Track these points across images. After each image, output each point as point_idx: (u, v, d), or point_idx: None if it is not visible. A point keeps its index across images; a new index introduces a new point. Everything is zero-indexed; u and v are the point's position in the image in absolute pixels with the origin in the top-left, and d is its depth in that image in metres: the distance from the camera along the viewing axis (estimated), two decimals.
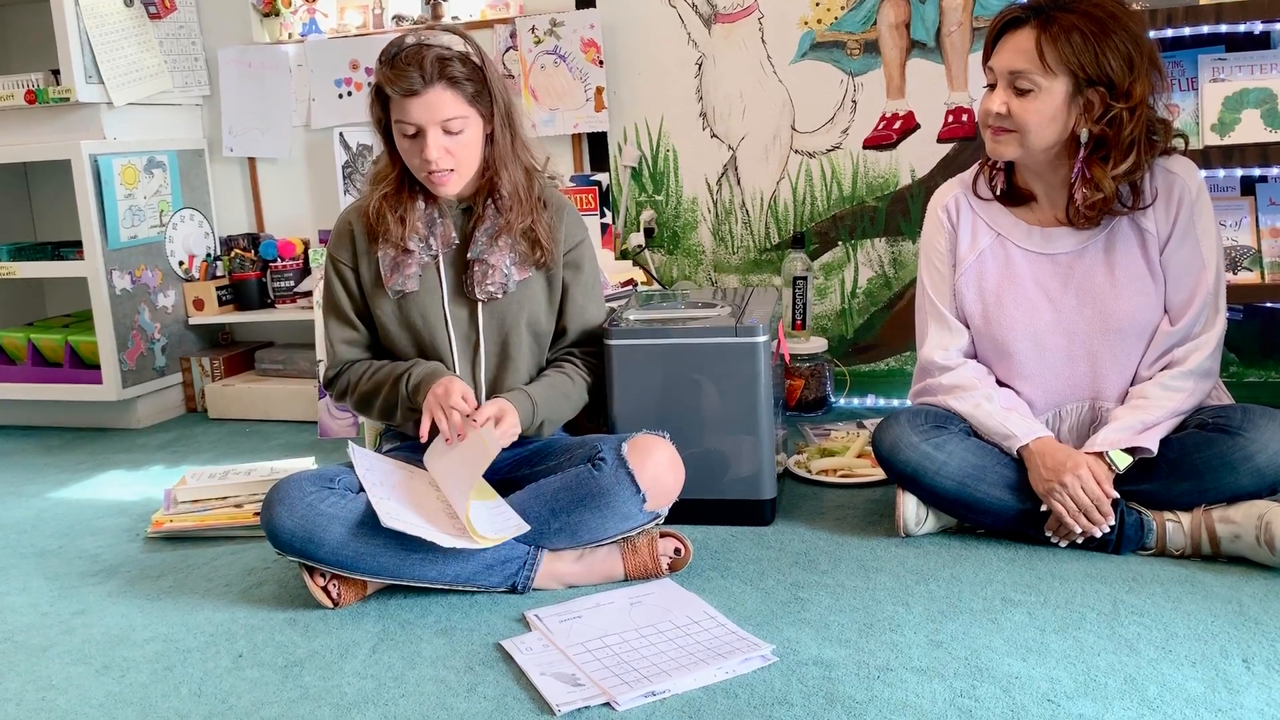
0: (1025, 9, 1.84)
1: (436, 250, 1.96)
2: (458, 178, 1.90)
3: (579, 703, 1.46)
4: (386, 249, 1.95)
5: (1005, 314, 1.95)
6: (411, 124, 1.84)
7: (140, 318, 3.22)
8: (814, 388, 2.86)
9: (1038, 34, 1.80)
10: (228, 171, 3.54)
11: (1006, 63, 1.84)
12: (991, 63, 1.88)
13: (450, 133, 1.85)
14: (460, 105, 1.85)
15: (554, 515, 1.83)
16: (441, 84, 1.83)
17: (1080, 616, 1.64)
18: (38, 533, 2.36)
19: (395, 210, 1.93)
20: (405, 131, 1.86)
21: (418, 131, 1.85)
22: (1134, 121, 1.81)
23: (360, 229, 1.98)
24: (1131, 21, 1.81)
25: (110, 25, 3.12)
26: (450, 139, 1.86)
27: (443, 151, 1.85)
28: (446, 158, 1.86)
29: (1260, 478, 1.78)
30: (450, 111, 1.84)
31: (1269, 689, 1.41)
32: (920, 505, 1.96)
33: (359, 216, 1.99)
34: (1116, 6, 1.81)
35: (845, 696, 1.45)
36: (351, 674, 1.60)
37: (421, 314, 1.96)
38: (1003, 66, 1.85)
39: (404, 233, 1.93)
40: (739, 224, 3.09)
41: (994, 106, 1.86)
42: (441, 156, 1.85)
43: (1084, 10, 1.80)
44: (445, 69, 1.83)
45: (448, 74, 1.83)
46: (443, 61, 1.83)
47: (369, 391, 1.97)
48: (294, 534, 1.76)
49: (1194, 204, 1.87)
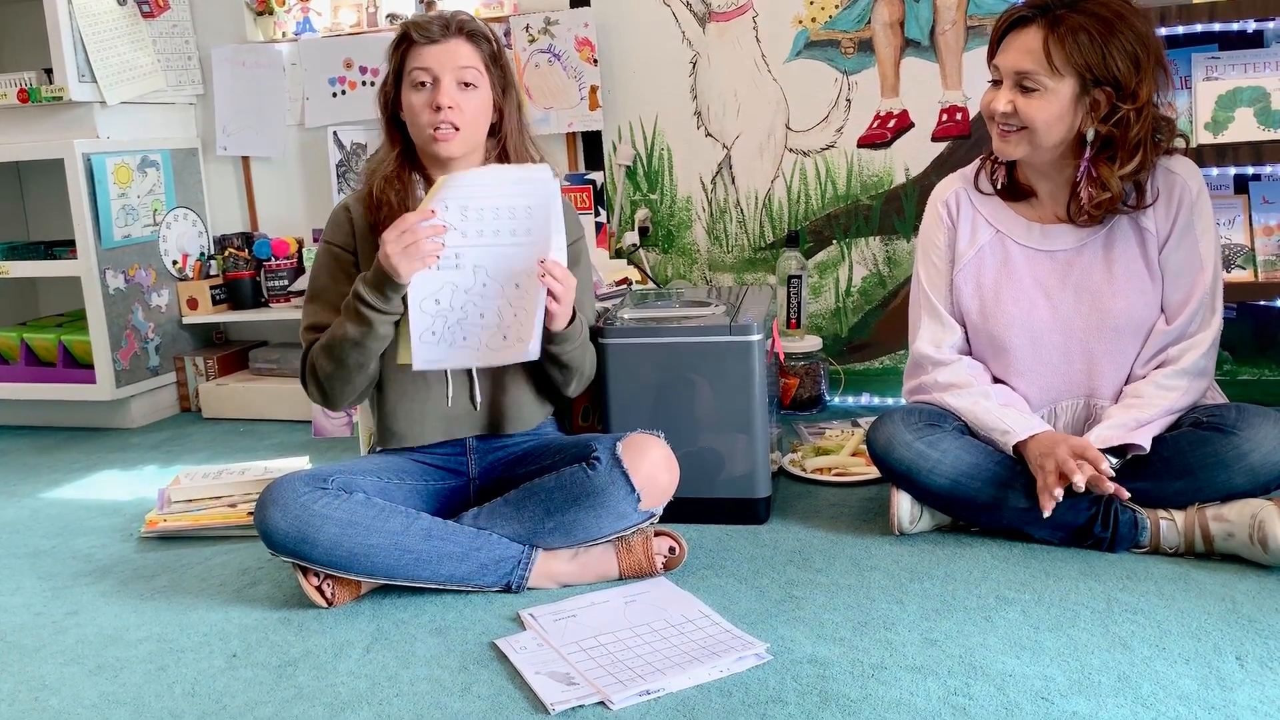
0: (1031, 7, 1.83)
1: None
2: (461, 139, 1.89)
3: (573, 702, 1.45)
4: None
5: (1003, 310, 1.96)
6: (427, 70, 1.86)
7: (134, 317, 3.21)
8: (809, 386, 2.86)
9: (1045, 34, 1.79)
10: (221, 170, 3.53)
11: (1013, 62, 1.83)
12: (997, 61, 1.87)
13: (464, 85, 1.87)
14: (476, 59, 1.89)
15: (548, 514, 1.83)
16: (462, 37, 1.89)
17: (1074, 614, 1.64)
18: (31, 532, 2.36)
19: (396, 194, 1.92)
20: (418, 79, 1.87)
21: (432, 81, 1.86)
22: (1140, 122, 1.81)
23: (359, 215, 1.96)
24: (1138, 21, 1.80)
25: (103, 24, 3.11)
26: (462, 94, 1.87)
27: (453, 103, 1.86)
28: (456, 113, 1.86)
29: (1254, 476, 1.78)
30: (466, 61, 1.88)
31: (1262, 686, 1.41)
32: (914, 503, 1.96)
33: (357, 203, 1.97)
34: (1123, 6, 1.80)
35: (839, 695, 1.45)
36: (346, 673, 1.60)
37: None
38: (1009, 66, 1.84)
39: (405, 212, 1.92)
40: (734, 223, 3.09)
41: (1000, 106, 1.85)
42: (452, 109, 1.86)
43: (1091, 10, 1.79)
44: (466, 25, 1.90)
45: (468, 30, 1.90)
46: (466, 20, 1.91)
47: (329, 346, 1.86)
48: (288, 535, 1.76)
49: (1194, 204, 1.87)
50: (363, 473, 1.89)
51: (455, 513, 1.90)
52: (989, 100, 1.89)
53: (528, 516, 1.83)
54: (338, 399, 1.93)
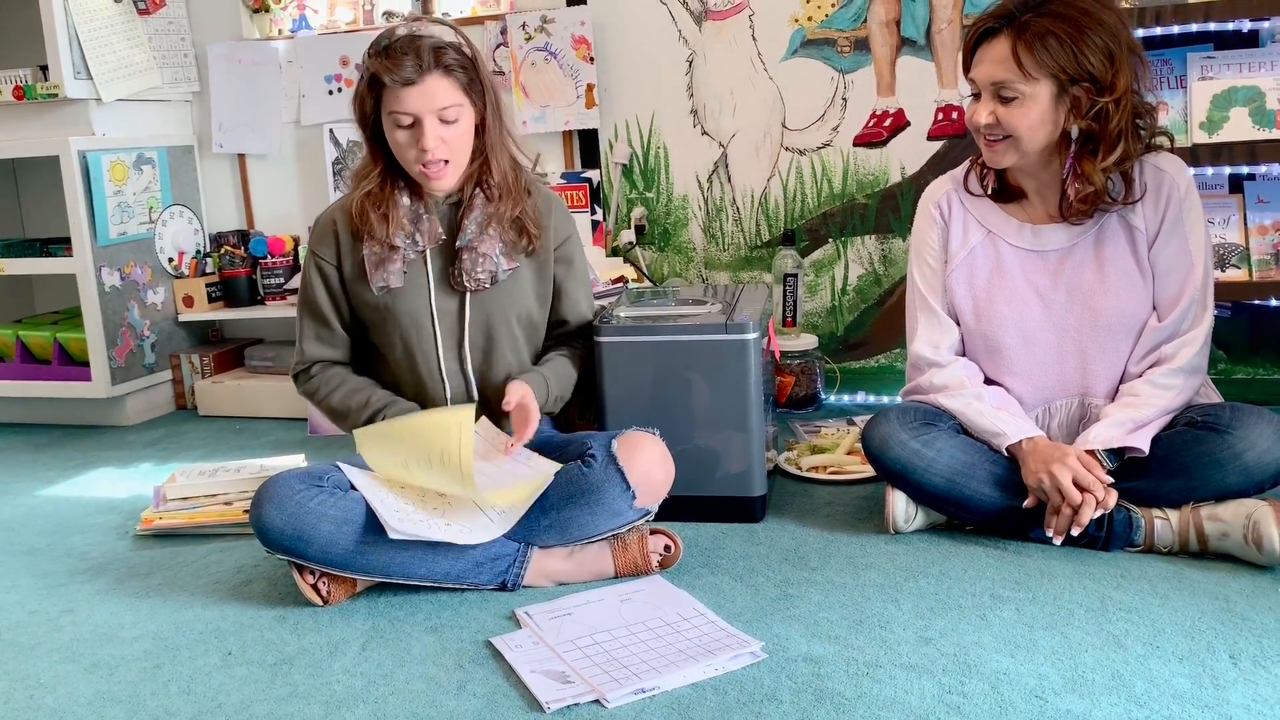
0: (996, 18, 1.83)
1: (423, 246, 1.96)
2: (453, 170, 1.90)
3: (569, 700, 1.46)
4: (371, 246, 1.95)
5: (995, 310, 1.96)
6: (408, 113, 1.84)
7: (129, 314, 3.21)
8: (804, 385, 2.87)
9: (1013, 42, 1.80)
10: (217, 168, 3.53)
11: (987, 74, 1.84)
12: (972, 74, 1.89)
13: (446, 122, 1.86)
14: (456, 94, 1.87)
15: (544, 512, 1.83)
16: (438, 72, 1.85)
17: (1068, 613, 1.64)
18: (26, 530, 2.35)
19: (378, 208, 1.93)
20: (400, 122, 1.86)
21: (414, 122, 1.85)
22: (1120, 113, 1.81)
23: (344, 226, 1.98)
24: (1104, 13, 1.80)
25: (99, 21, 3.10)
26: (446, 129, 1.86)
27: (439, 141, 1.85)
28: (442, 148, 1.87)
29: (1248, 476, 1.78)
30: (447, 99, 1.85)
31: (1255, 684, 1.41)
32: (909, 502, 1.96)
33: (343, 214, 1.99)
34: (1088, 1, 1.80)
35: (834, 693, 1.45)
36: (341, 671, 1.60)
37: (407, 309, 1.96)
38: (984, 78, 1.85)
39: (389, 230, 1.93)
40: (730, 221, 3.09)
41: (981, 118, 1.86)
42: (438, 146, 1.85)
43: (1056, 11, 1.79)
44: (441, 58, 1.85)
45: (443, 63, 1.85)
46: (438, 51, 1.85)
47: (338, 411, 1.99)
48: (283, 533, 1.76)
49: (1182, 201, 1.88)
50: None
51: None
52: (971, 113, 1.90)
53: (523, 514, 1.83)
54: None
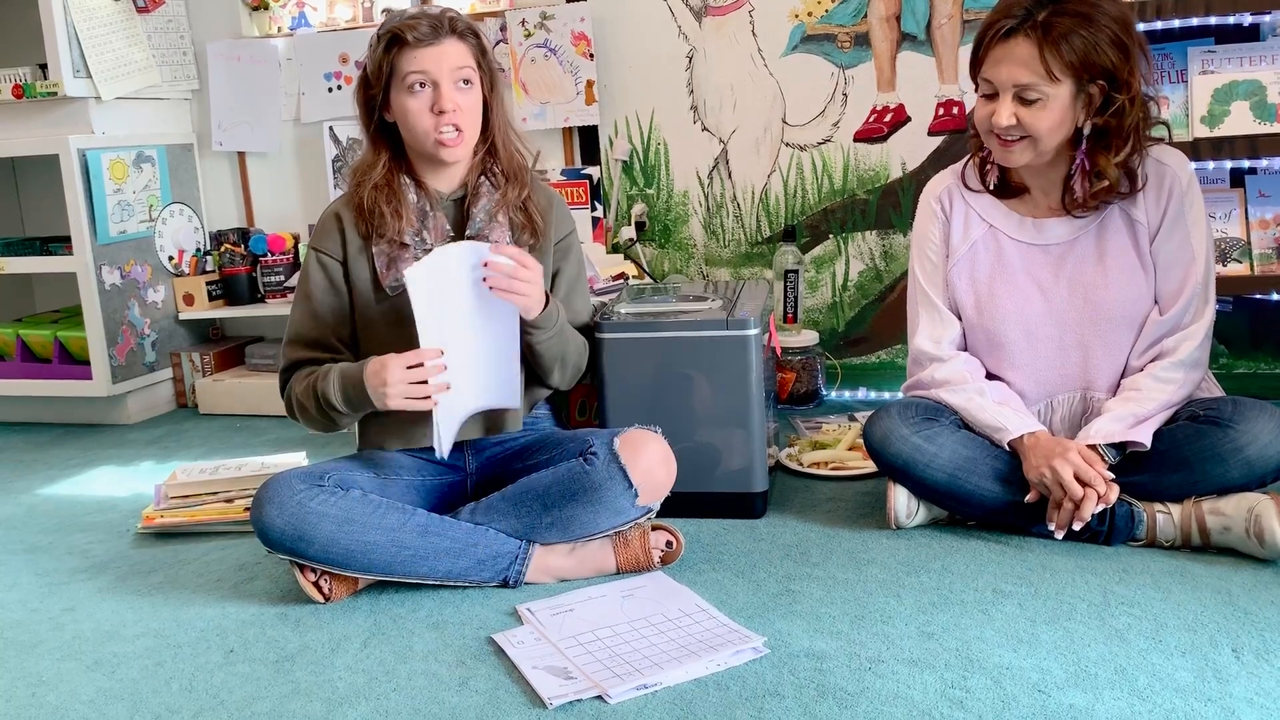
0: (1012, 16, 1.79)
1: (431, 243, 1.94)
2: (465, 140, 1.89)
3: (571, 696, 1.45)
4: (381, 245, 1.92)
5: (997, 304, 1.96)
6: (424, 73, 1.84)
7: (130, 313, 3.20)
8: (805, 381, 2.87)
9: (1038, 43, 1.76)
10: (217, 166, 3.52)
11: (1009, 76, 1.79)
12: (988, 75, 1.83)
13: (460, 87, 1.86)
14: (470, 57, 1.88)
15: (546, 510, 1.83)
16: (454, 36, 1.87)
17: (1071, 607, 1.64)
18: (27, 529, 2.35)
19: (389, 203, 1.90)
20: (417, 82, 1.85)
21: (429, 87, 1.85)
22: (1134, 108, 1.81)
23: (351, 223, 1.95)
24: (1113, 6, 1.79)
25: (98, 19, 3.10)
26: (461, 94, 1.86)
27: (455, 105, 1.85)
28: (458, 113, 1.86)
29: (1250, 470, 1.78)
30: (462, 60, 1.86)
31: (1258, 678, 1.41)
32: (911, 497, 1.96)
33: (348, 209, 1.95)
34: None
35: (836, 688, 1.45)
36: (343, 668, 1.60)
37: None
38: (1005, 80, 1.80)
39: (400, 226, 1.91)
40: (730, 217, 3.09)
41: (1003, 120, 1.80)
42: (455, 110, 1.85)
43: (1073, 10, 1.76)
44: (457, 23, 1.88)
45: (458, 28, 1.88)
46: (453, 18, 1.88)
47: (304, 405, 1.91)
48: (284, 533, 1.76)
49: (1184, 194, 1.87)
50: (359, 469, 1.89)
51: (453, 508, 1.90)
52: (986, 114, 1.84)
53: (525, 512, 1.83)
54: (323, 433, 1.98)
